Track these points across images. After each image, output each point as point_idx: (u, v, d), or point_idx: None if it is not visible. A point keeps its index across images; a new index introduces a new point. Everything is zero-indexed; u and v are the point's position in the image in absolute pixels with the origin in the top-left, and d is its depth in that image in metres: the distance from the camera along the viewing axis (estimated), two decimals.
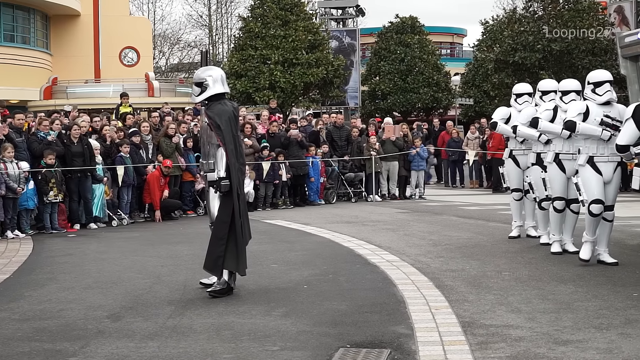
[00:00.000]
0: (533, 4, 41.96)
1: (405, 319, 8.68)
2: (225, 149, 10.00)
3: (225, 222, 10.01)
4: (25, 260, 13.25)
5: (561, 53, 39.07)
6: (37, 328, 8.52)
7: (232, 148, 10.05)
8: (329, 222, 17.69)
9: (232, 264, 10.04)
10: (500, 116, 13.97)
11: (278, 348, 7.58)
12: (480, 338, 7.82)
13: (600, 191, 11.30)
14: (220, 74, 10.50)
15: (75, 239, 15.88)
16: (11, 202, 15.91)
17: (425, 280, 10.65)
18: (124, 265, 12.51)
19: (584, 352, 7.23)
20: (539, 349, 7.40)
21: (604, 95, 11.26)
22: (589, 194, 11.24)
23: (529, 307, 9.08)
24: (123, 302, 9.74)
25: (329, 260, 12.65)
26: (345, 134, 24.13)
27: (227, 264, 10.03)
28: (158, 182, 18.66)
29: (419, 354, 7.31)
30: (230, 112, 10.25)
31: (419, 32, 50.48)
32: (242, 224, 10.11)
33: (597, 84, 11.65)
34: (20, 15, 45.52)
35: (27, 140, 17.25)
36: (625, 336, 7.77)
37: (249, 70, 41.10)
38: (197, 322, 8.66)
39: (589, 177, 11.38)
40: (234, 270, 10.10)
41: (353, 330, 8.22)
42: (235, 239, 10.02)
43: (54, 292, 10.53)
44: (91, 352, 7.53)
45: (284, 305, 9.39)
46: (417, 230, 16.09)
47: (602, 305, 9.12)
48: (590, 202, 11.27)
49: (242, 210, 10.18)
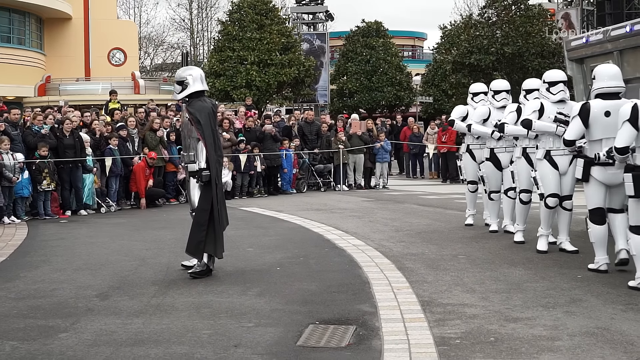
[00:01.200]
0: (487, 11, 42.04)
1: (370, 298, 8.70)
2: (205, 143, 9.99)
3: (205, 209, 10.01)
4: (20, 243, 13.18)
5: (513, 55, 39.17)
6: (32, 306, 8.48)
7: (211, 141, 10.05)
8: (300, 209, 17.69)
9: (211, 248, 10.06)
10: (458, 114, 13.92)
11: (253, 324, 7.58)
12: (438, 315, 7.85)
13: (556, 185, 11.29)
14: (199, 73, 10.49)
15: (67, 225, 15.80)
16: (7, 190, 15.87)
17: (388, 263, 10.68)
18: (111, 249, 12.47)
19: (532, 329, 7.27)
20: (491, 325, 7.43)
21: (557, 94, 11.25)
22: (546, 188, 11.24)
23: (482, 288, 9.12)
24: (111, 283, 9.71)
25: (299, 244, 12.65)
26: (316, 129, 24.13)
27: (207, 248, 10.04)
28: (143, 173, 18.64)
29: (382, 330, 7.33)
30: (209, 108, 10.26)
31: (383, 36, 50.52)
32: (219, 211, 10.11)
33: (551, 83, 11.57)
34: (17, 18, 45.23)
35: (22, 134, 17.21)
36: (569, 314, 7.82)
37: (227, 70, 41.00)
38: (179, 301, 8.64)
39: (546, 172, 11.35)
40: (212, 253, 10.10)
41: (322, 308, 8.23)
42: (214, 225, 10.03)
43: (47, 273, 10.48)
44: (81, 328, 7.51)
45: (258, 286, 9.39)
46: (381, 217, 16.12)
47: (549, 286, 9.18)
48: (547, 195, 11.29)
49: (219, 198, 10.18)
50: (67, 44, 48.81)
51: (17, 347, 6.90)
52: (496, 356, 6.45)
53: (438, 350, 6.65)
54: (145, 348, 6.80)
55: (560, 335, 7.04)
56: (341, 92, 50.65)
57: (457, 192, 20.48)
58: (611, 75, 9.68)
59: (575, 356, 6.40)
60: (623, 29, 11.77)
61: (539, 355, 6.46)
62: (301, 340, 7.02)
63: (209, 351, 6.68)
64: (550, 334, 7.07)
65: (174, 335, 7.21)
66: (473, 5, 48.76)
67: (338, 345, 6.88)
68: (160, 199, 19.26)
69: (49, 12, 46.66)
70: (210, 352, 6.65)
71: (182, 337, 7.15)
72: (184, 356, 6.54)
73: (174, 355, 6.58)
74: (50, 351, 6.75)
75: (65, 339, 7.15)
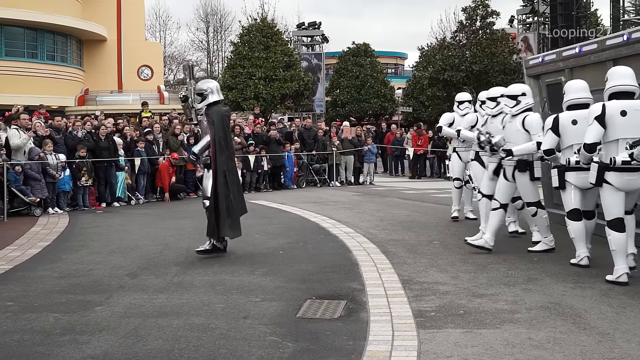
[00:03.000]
0: (459, 34, 42.08)
1: (358, 277, 8.70)
2: (213, 139, 10.12)
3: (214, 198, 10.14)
4: (62, 231, 13.18)
5: (480, 73, 39.22)
6: (72, 284, 8.48)
7: (220, 140, 10.13)
8: (300, 202, 17.68)
9: (226, 231, 10.17)
10: (446, 121, 13.55)
11: (259, 299, 7.58)
12: (415, 292, 7.85)
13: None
14: (216, 85, 10.57)
15: (102, 215, 15.79)
16: (51, 186, 15.89)
17: (373, 248, 10.68)
18: (140, 235, 12.46)
19: (495, 303, 7.28)
20: (461, 300, 7.44)
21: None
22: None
23: (454, 269, 9.12)
24: (139, 264, 9.71)
25: (299, 231, 12.65)
26: (313, 134, 24.13)
27: (222, 231, 10.12)
28: (167, 171, 18.69)
29: (369, 304, 7.34)
30: (222, 113, 10.43)
31: (370, 55, 50.44)
32: (232, 199, 10.16)
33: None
34: (60, 40, 45.15)
35: (64, 137, 17.26)
36: (527, 291, 7.83)
37: (238, 84, 40.91)
38: (197, 279, 8.64)
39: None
40: (227, 235, 10.20)
41: (318, 285, 8.23)
42: (226, 210, 10.09)
43: (85, 255, 10.47)
44: (114, 302, 7.51)
45: (264, 267, 9.39)
46: (368, 208, 16.11)
47: (510, 267, 9.18)
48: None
49: (231, 188, 10.22)
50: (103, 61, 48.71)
51: (59, 318, 6.90)
52: (465, 326, 6.45)
53: (416, 321, 6.65)
54: (168, 319, 6.80)
55: (519, 309, 7.04)
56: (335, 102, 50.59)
57: (432, 187, 20.56)
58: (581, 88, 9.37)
59: (532, 327, 6.40)
60: (573, 50, 11.76)
61: (501, 325, 6.46)
62: (300, 313, 7.03)
63: (222, 322, 6.68)
64: (510, 308, 7.08)
65: (192, 308, 7.21)
66: (446, 30, 48.63)
67: (331, 317, 6.89)
68: (182, 193, 19.27)
69: (87, 34, 46.60)
70: (223, 323, 6.64)
71: (199, 310, 7.15)
72: (201, 326, 6.53)
73: (193, 325, 6.58)
74: (88, 322, 6.75)
75: (100, 311, 7.15)
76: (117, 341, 6.10)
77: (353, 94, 49.00)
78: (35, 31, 43.14)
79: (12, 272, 9.27)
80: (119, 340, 6.14)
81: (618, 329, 6.31)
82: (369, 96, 49.00)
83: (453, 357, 5.58)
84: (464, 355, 5.63)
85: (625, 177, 8.07)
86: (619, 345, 5.82)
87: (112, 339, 6.18)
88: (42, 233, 12.84)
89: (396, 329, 6.39)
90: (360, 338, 6.13)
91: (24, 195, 15.22)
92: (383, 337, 6.15)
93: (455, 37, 42.51)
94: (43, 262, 9.97)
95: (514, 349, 5.75)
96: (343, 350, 5.78)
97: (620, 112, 8.02)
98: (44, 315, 7.02)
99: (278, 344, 5.98)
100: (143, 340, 6.11)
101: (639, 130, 8.01)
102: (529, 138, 9.91)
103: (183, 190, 19.36)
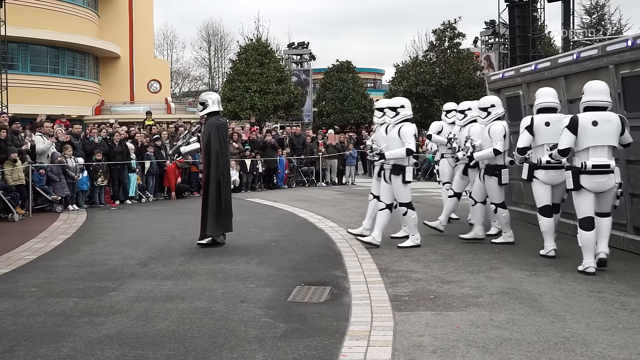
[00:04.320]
0: (429, 53, 42.16)
1: (341, 266, 8.70)
2: (210, 146, 10.10)
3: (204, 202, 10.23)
4: (81, 225, 13.13)
5: (448, 87, 39.30)
6: (89, 272, 8.45)
7: (217, 151, 10.09)
8: (290, 200, 17.67)
9: (212, 231, 10.19)
10: (435, 129, 12.97)
11: (255, 285, 7.57)
12: (392, 279, 7.86)
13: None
14: (217, 97, 10.54)
15: (116, 211, 15.74)
16: (71, 185, 15.84)
17: (354, 240, 10.66)
18: (149, 229, 12.43)
19: (461, 289, 7.29)
20: (431, 286, 7.45)
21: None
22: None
23: (425, 258, 9.14)
24: (149, 254, 9.68)
25: (290, 226, 12.64)
26: (302, 140, 24.19)
27: (209, 231, 10.20)
28: (174, 172, 18.65)
29: (351, 289, 7.34)
30: (219, 124, 10.35)
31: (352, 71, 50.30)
32: (219, 202, 10.12)
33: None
34: (79, 57, 45.00)
35: (82, 143, 17.21)
36: (489, 278, 7.85)
37: (236, 96, 40.78)
38: (200, 268, 8.62)
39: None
40: (212, 235, 10.16)
41: (306, 273, 8.22)
42: (215, 213, 10.09)
43: (101, 247, 10.44)
44: (126, 288, 7.48)
45: (258, 257, 9.38)
46: (350, 206, 16.11)
47: (474, 257, 9.21)
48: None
49: (224, 193, 10.19)
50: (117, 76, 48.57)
51: (78, 302, 6.87)
52: (435, 309, 6.46)
53: (392, 304, 6.65)
54: (174, 303, 6.78)
55: (482, 294, 7.06)
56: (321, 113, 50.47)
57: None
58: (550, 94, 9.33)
59: (493, 309, 6.42)
60: (529, 67, 11.82)
61: (467, 308, 6.47)
62: (290, 297, 7.02)
63: (222, 305, 6.67)
64: (474, 293, 7.09)
65: (195, 294, 7.19)
66: (419, 49, 48.64)
67: (318, 301, 6.88)
68: (186, 192, 19.22)
69: (103, 52, 46.47)
70: (223, 306, 6.63)
71: (201, 295, 7.13)
72: (203, 309, 6.52)
73: (196, 308, 6.56)
74: (103, 305, 6.73)
75: (114, 296, 7.13)
76: (129, 322, 6.08)
77: (337, 105, 48.88)
78: (57, 49, 42.99)
79: (37, 262, 9.23)
80: (131, 321, 6.12)
81: (568, 311, 6.33)
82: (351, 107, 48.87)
83: (425, 336, 5.59)
84: (434, 334, 5.63)
85: (550, 173, 8.93)
86: (569, 326, 5.85)
87: (124, 320, 6.16)
88: (62, 227, 12.79)
89: (375, 312, 6.40)
90: (343, 319, 6.12)
91: (47, 194, 15.17)
92: (363, 319, 6.15)
93: (426, 56, 42.59)
94: (64, 253, 9.92)
95: (478, 329, 5.76)
96: (328, 330, 5.78)
97: (592, 122, 7.99)
98: (64, 299, 6.99)
99: (271, 325, 5.97)
100: (152, 322, 6.09)
101: (609, 138, 8.01)
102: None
103: (188, 189, 19.34)
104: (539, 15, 37.49)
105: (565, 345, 5.33)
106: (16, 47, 39.72)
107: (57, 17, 41.98)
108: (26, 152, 15.17)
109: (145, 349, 5.31)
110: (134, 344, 5.43)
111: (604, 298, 6.82)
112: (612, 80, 9.11)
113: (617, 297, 6.87)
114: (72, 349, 5.33)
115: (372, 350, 5.25)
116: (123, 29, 48.97)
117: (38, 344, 5.47)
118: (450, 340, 5.47)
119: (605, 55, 9.30)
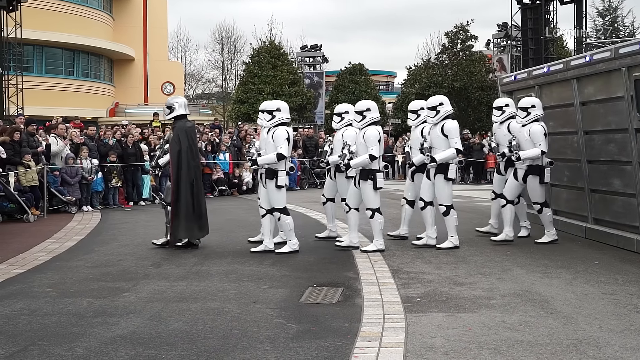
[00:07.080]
0: (442, 56, 42.06)
1: (354, 267, 8.70)
2: (179, 149, 10.07)
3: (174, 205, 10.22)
4: (95, 226, 13.18)
5: (460, 89, 39.20)
6: (103, 272, 8.47)
7: (186, 150, 10.09)
8: (303, 201, 17.67)
9: (180, 233, 10.20)
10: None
11: (267, 286, 7.57)
12: (404, 280, 7.84)
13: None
14: (184, 100, 10.60)
15: (130, 212, 15.79)
16: (85, 187, 15.91)
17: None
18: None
19: (473, 291, 7.27)
20: (443, 288, 7.43)
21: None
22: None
23: (437, 260, 9.12)
24: (162, 255, 9.71)
25: (302, 227, 12.62)
26: (314, 142, 24.19)
27: (178, 234, 10.20)
28: None
29: (363, 290, 7.33)
30: (187, 128, 10.32)
31: (364, 74, 50.30)
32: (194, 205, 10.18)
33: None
34: (94, 59, 45.26)
35: (97, 145, 17.27)
36: (501, 280, 7.82)
37: (249, 98, 40.89)
38: (213, 269, 8.63)
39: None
40: (183, 237, 10.21)
41: (318, 274, 8.22)
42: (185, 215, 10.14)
43: (115, 248, 10.47)
44: (140, 289, 7.50)
45: (271, 258, 9.38)
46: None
47: (486, 259, 9.18)
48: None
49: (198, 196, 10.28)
50: (131, 78, 48.82)
51: (92, 302, 6.89)
52: (447, 311, 6.44)
53: (404, 306, 6.64)
54: (188, 303, 6.79)
55: (494, 295, 7.04)
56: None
57: None
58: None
59: (505, 311, 6.40)
60: (542, 70, 11.77)
61: (479, 310, 6.45)
62: (303, 298, 7.01)
63: (234, 306, 6.67)
64: (486, 295, 7.07)
65: (208, 294, 7.20)
66: (431, 52, 48.57)
67: (330, 302, 6.87)
68: None
69: (117, 55, 46.70)
70: (236, 307, 6.63)
71: (214, 296, 7.13)
72: (216, 310, 6.52)
73: (209, 309, 6.57)
74: (117, 306, 6.74)
75: (128, 296, 7.15)
76: (142, 323, 6.10)
77: None
78: (72, 52, 43.27)
79: (51, 262, 9.27)
80: (144, 322, 6.13)
81: (581, 313, 6.30)
82: None
83: (436, 337, 5.57)
84: (446, 336, 5.62)
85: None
86: (581, 328, 5.82)
87: (138, 320, 6.17)
88: (77, 228, 12.84)
89: (387, 313, 6.38)
90: (355, 320, 6.12)
91: (62, 195, 15.24)
92: (375, 320, 6.13)
93: (438, 58, 42.48)
94: (78, 254, 9.96)
95: (490, 331, 5.74)
96: (340, 331, 5.78)
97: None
98: (79, 300, 7.01)
99: (283, 326, 5.97)
100: (165, 322, 6.10)
101: None
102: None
103: None
104: (552, 18, 37.31)
105: (578, 347, 5.30)
106: (32, 50, 39.99)
107: (72, 20, 42.26)
108: (42, 154, 15.25)
109: (159, 349, 5.32)
110: (147, 344, 5.44)
111: (616, 300, 6.79)
112: (625, 82, 9.07)
113: (629, 299, 6.83)
114: (86, 348, 5.35)
115: (384, 351, 5.24)
116: (137, 31, 49.20)
117: (52, 343, 5.49)
118: (462, 341, 5.45)
119: (618, 58, 9.26)
